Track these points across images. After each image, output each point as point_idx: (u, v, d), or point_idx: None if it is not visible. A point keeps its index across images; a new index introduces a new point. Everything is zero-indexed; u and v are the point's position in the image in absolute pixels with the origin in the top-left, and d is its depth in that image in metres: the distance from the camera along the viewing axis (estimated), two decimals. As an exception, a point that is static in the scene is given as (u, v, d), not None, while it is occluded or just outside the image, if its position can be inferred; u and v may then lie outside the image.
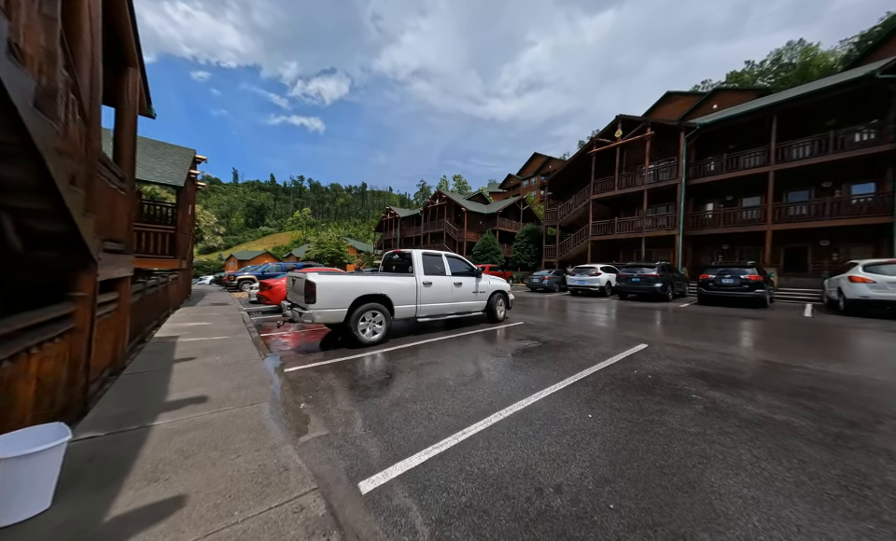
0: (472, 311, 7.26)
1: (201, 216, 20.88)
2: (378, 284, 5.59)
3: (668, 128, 18.31)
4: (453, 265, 6.97)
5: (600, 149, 21.38)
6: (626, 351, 4.99)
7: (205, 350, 4.97)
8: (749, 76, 62.33)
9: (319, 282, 4.93)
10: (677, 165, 17.46)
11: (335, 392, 3.44)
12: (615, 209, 22.64)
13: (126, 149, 3.92)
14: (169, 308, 8.39)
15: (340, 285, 5.15)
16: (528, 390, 3.40)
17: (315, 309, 4.90)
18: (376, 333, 5.55)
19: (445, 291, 6.60)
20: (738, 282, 10.23)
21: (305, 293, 4.94)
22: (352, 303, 5.25)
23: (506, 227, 35.48)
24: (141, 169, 9.08)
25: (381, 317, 5.58)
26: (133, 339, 4.89)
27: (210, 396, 3.22)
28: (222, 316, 8.40)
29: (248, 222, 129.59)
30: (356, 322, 5.27)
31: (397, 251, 6.99)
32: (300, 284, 5.24)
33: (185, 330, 6.46)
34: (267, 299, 9.84)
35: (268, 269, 19.17)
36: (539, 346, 5.36)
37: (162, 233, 9.30)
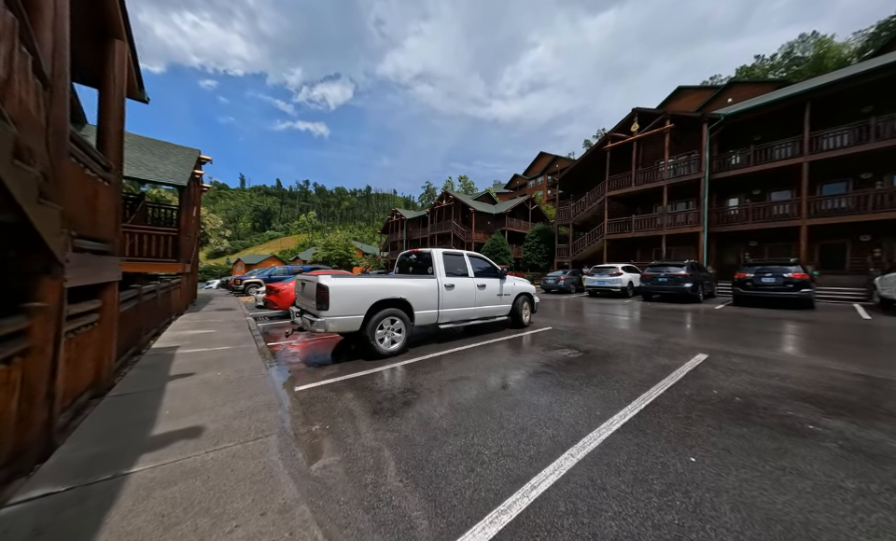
0: (496, 315, 6.62)
1: (206, 219, 20.58)
2: (397, 287, 4.99)
3: (689, 120, 17.47)
4: (475, 265, 6.35)
5: (615, 144, 20.59)
6: (686, 363, 4.31)
7: (206, 363, 4.43)
8: (761, 71, 60.73)
9: (333, 285, 4.36)
10: (699, 159, 16.60)
11: (356, 419, 2.84)
12: (631, 206, 21.78)
13: (112, 135, 3.40)
14: (171, 314, 7.92)
15: (355, 289, 4.57)
16: (593, 417, 2.76)
17: (328, 316, 4.33)
18: (395, 342, 4.95)
19: (468, 294, 5.98)
20: (780, 281, 9.40)
21: (317, 298, 4.37)
22: (368, 309, 4.66)
23: (515, 227, 34.75)
24: (143, 168, 8.68)
25: (400, 324, 4.98)
26: (126, 353, 4.37)
27: (207, 427, 2.65)
28: (227, 323, 7.91)
29: (255, 226, 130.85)
30: (373, 330, 4.68)
31: (414, 251, 6.40)
32: (310, 289, 4.67)
33: (186, 340, 5.95)
34: (274, 304, 9.34)
35: (274, 272, 18.79)
36: (581, 357, 4.70)
37: (164, 236, 8.87)
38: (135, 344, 4.76)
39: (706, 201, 16.26)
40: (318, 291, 4.35)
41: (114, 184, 3.39)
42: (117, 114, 3.47)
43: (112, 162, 3.38)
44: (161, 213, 12.47)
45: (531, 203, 37.55)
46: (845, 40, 50.65)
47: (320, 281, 4.35)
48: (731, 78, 54.71)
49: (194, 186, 11.22)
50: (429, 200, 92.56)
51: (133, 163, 8.72)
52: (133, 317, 4.60)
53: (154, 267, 8.69)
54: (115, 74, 3.43)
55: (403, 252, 6.78)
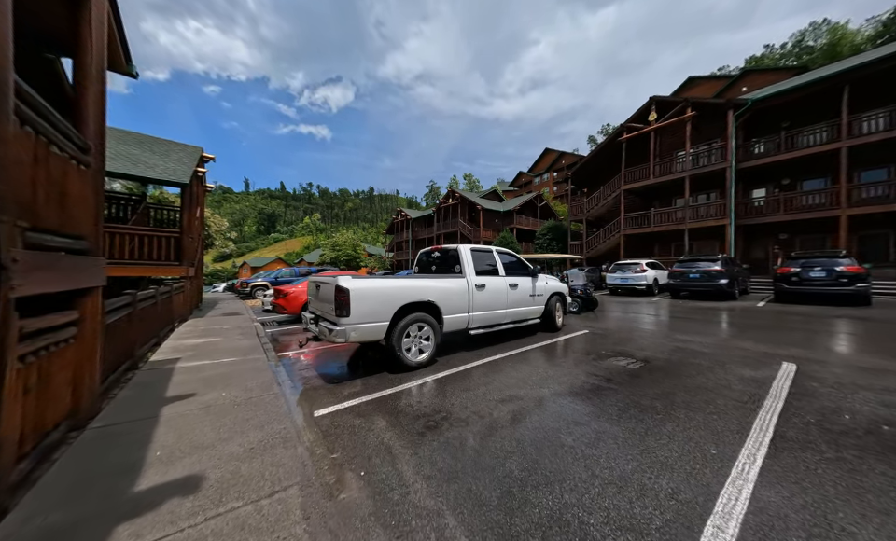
0: (529, 318, 5.96)
1: (211, 221, 20.15)
2: (424, 288, 4.36)
3: (712, 106, 16.57)
4: (506, 263, 5.70)
5: (631, 135, 19.74)
6: (776, 376, 3.61)
7: (209, 380, 3.84)
8: (771, 60, 59.10)
9: (354, 288, 3.73)
10: (724, 147, 15.71)
11: (397, 460, 2.21)
12: (648, 200, 20.91)
13: (90, 112, 2.80)
14: (174, 321, 7.39)
15: (379, 292, 3.95)
16: (709, 458, 2.09)
17: (349, 324, 3.70)
18: (423, 352, 4.32)
19: (500, 295, 5.33)
20: (832, 275, 8.58)
21: (336, 303, 3.75)
22: (394, 314, 4.04)
23: (524, 224, 33.97)
24: (141, 165, 8.17)
25: (428, 331, 4.35)
26: (118, 369, 3.79)
27: (207, 475, 2.03)
28: (233, 330, 7.35)
29: (260, 229, 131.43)
30: (399, 338, 4.05)
31: (437, 247, 5.76)
32: (327, 292, 4.06)
33: (188, 350, 5.38)
34: (282, 308, 8.77)
35: (281, 274, 18.31)
36: (642, 367, 4.02)
37: (166, 237, 8.35)
38: (130, 357, 4.19)
39: (732, 192, 15.38)
40: (337, 295, 3.73)
41: (93, 169, 2.80)
42: (95, 87, 2.87)
43: (92, 142, 2.79)
44: (163, 214, 12.01)
45: (539, 200, 36.71)
46: (857, 27, 48.89)
47: (339, 283, 3.73)
48: (744, 67, 53.18)
49: (197, 185, 10.72)
50: (433, 199, 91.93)
51: (132, 161, 8.22)
52: (125, 328, 4.02)
53: (155, 270, 8.18)
54: (92, 38, 2.83)
55: (424, 249, 6.15)
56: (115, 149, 8.46)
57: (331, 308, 3.89)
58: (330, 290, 3.93)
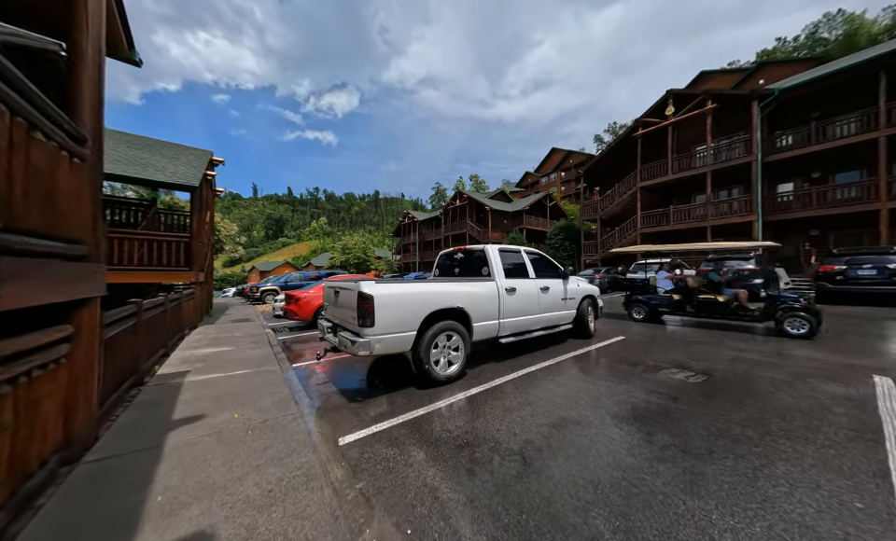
0: (561, 324, 5.49)
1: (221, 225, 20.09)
2: (453, 293, 3.93)
3: (734, 98, 15.85)
4: (535, 264, 5.24)
5: (647, 131, 19.08)
6: (878, 394, 3.08)
7: (220, 398, 3.47)
8: (784, 53, 57.54)
9: (378, 295, 3.33)
10: (749, 140, 14.97)
11: (448, 512, 1.78)
12: (666, 197, 20.17)
13: (86, 98, 2.47)
14: (184, 329, 7.11)
15: (406, 299, 3.54)
16: (857, 517, 1.61)
17: (374, 335, 3.30)
18: (453, 364, 3.89)
19: (531, 299, 4.88)
20: (884, 273, 7.90)
21: (358, 312, 3.35)
22: (422, 323, 3.62)
23: (533, 225, 33.36)
24: (150, 169, 7.96)
25: (457, 341, 3.92)
26: (121, 387, 3.45)
27: (218, 533, 1.64)
28: (244, 338, 7.03)
29: (268, 234, 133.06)
30: (427, 350, 3.63)
31: (460, 248, 5.34)
32: (347, 299, 3.66)
33: (198, 361, 5.05)
34: (294, 314, 8.45)
35: (291, 278, 18.13)
36: (706, 383, 3.52)
37: (175, 242, 8.11)
38: (134, 372, 3.86)
39: (759, 187, 14.62)
40: (360, 303, 3.33)
41: (90, 165, 2.46)
42: (92, 72, 2.54)
43: (88, 134, 2.45)
44: (174, 219, 11.87)
45: (549, 200, 36.06)
46: (874, 17, 47.06)
47: (362, 289, 3.33)
48: (759, 60, 51.85)
49: (206, 188, 10.53)
50: (439, 201, 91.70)
51: (141, 164, 8.02)
52: (129, 340, 3.69)
53: (164, 277, 7.93)
54: (87, 20, 2.51)
55: (445, 250, 5.74)
56: (124, 153, 8.29)
57: (352, 316, 3.50)
58: (351, 297, 3.53)
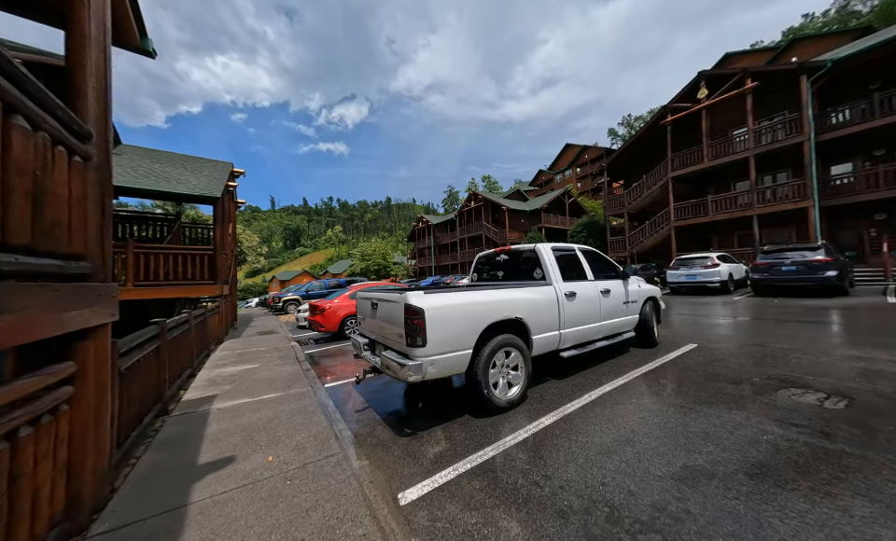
0: (623, 331, 4.77)
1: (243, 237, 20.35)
2: (511, 302, 3.35)
3: (778, 75, 14.51)
4: (592, 264, 4.57)
5: (676, 117, 17.87)
6: None
7: (251, 433, 3.01)
8: (813, 28, 53.91)
9: (430, 307, 2.79)
10: (799, 118, 13.60)
11: None
12: (699, 187, 18.79)
13: (89, 87, 2.08)
14: (209, 345, 6.85)
15: (461, 311, 2.98)
16: None
17: (425, 356, 2.76)
18: (513, 386, 3.30)
19: (592, 305, 4.21)
20: None
21: (407, 328, 2.81)
22: (478, 338, 3.05)
23: (552, 223, 32.28)
24: (174, 182, 7.84)
25: (516, 357, 3.32)
26: (144, 420, 3.06)
27: None
28: (271, 352, 6.69)
29: (286, 244, 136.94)
30: (485, 370, 3.06)
31: (503, 249, 4.74)
32: (390, 313, 3.14)
33: (225, 382, 4.68)
34: (319, 325, 8.09)
35: (311, 288, 18.08)
36: (853, 410, 2.75)
37: (199, 255, 7.94)
38: (158, 401, 3.48)
39: (813, 169, 13.20)
40: (408, 318, 2.80)
41: (96, 165, 2.05)
42: (96, 58, 2.15)
43: (95, 128, 2.04)
44: (198, 232, 11.91)
45: (567, 196, 34.86)
46: None
47: (410, 301, 2.80)
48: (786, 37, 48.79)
49: (228, 200, 10.46)
50: (452, 203, 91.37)
51: (165, 178, 7.93)
52: (152, 367, 3.32)
53: (189, 290, 7.76)
54: (89, 2, 2.11)
55: (485, 252, 5.16)
56: (148, 168, 8.24)
57: (398, 334, 2.97)
58: (395, 310, 3.01)
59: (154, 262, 7.43)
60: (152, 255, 7.40)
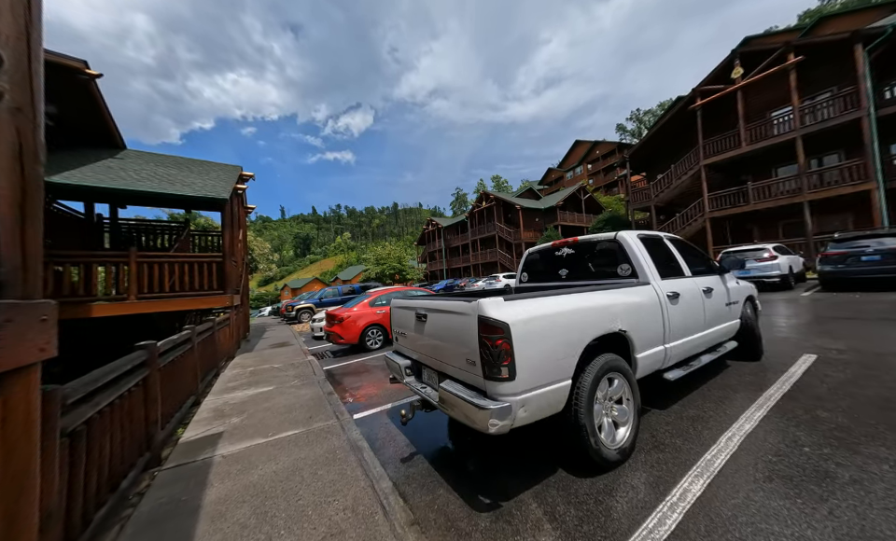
0: (725, 341, 3.78)
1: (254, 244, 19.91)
2: (612, 308, 2.43)
3: (826, 46, 13.19)
4: (685, 255, 3.61)
5: (707, 100, 16.62)
6: None
7: (265, 500, 2.17)
8: (831, 9, 51.45)
9: (517, 320, 1.91)
10: (856, 91, 12.24)
11: None
12: (733, 175, 17.41)
13: None
14: (219, 363, 6.12)
15: (558, 323, 2.09)
16: None
17: (514, 394, 1.87)
18: (619, 426, 2.37)
19: (696, 309, 3.25)
20: None
21: (484, 353, 1.92)
22: (578, 362, 2.15)
23: (568, 220, 31.09)
24: (179, 184, 7.23)
25: (621, 386, 2.40)
26: (121, 484, 2.26)
27: None
28: (286, 369, 5.91)
29: (297, 253, 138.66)
30: (589, 407, 2.14)
31: (565, 241, 3.82)
32: (453, 329, 2.25)
33: (234, 412, 3.89)
34: (338, 336, 7.30)
35: (325, 295, 17.45)
36: None
37: (207, 263, 7.28)
38: (147, 449, 2.69)
39: (875, 147, 11.82)
40: (485, 336, 1.91)
41: (7, 107, 1.24)
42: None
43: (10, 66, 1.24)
44: (207, 240, 11.38)
45: (583, 193, 33.61)
46: None
47: (487, 312, 1.91)
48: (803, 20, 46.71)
49: (238, 204, 9.87)
50: (460, 206, 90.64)
51: (169, 180, 7.33)
52: (133, 409, 2.53)
53: (195, 302, 7.10)
54: None
55: (539, 247, 4.25)
56: (152, 171, 7.68)
57: (465, 358, 2.09)
58: (461, 326, 2.13)
59: (159, 272, 6.80)
60: (156, 264, 6.77)
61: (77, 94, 7.62)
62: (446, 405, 2.19)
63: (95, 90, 7.72)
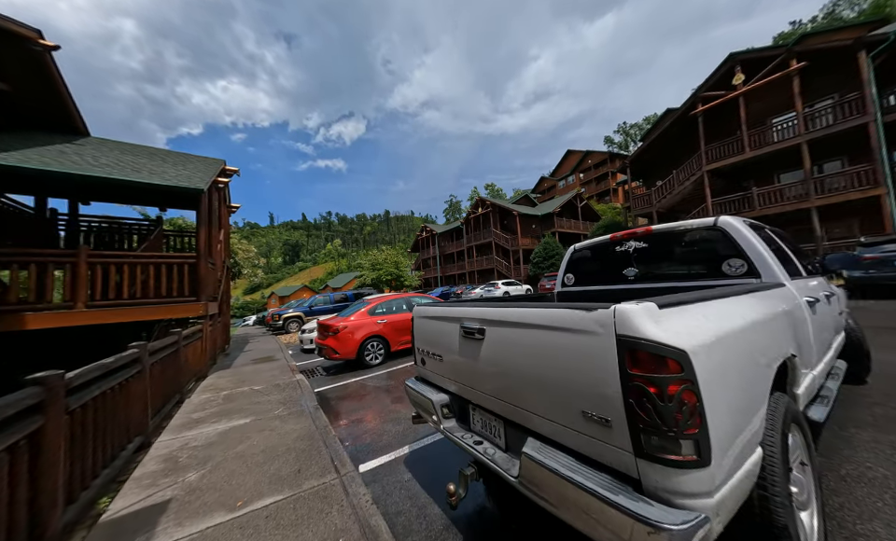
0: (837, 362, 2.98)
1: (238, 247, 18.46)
2: (775, 319, 1.56)
3: (830, 53, 13.18)
4: (794, 251, 2.82)
5: (708, 106, 16.52)
6: None
7: None
8: (804, 29, 54.54)
9: (700, 345, 1.01)
10: (860, 97, 12.17)
11: None
12: (734, 181, 17.30)
13: None
14: (183, 388, 4.99)
15: (749, 345, 1.20)
16: None
17: (707, 490, 0.96)
18: (804, 508, 1.48)
19: (826, 320, 2.48)
20: None
21: (640, 407, 1.01)
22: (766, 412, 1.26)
23: (565, 227, 30.78)
24: (145, 172, 6.15)
25: (795, 447, 1.52)
26: None
27: None
28: (269, 392, 4.83)
29: (285, 260, 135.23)
30: (786, 493, 1.24)
31: (633, 232, 2.99)
32: (553, 355, 1.32)
33: (192, 467, 2.83)
34: (332, 350, 6.25)
35: (315, 302, 16.21)
36: None
37: (179, 265, 6.17)
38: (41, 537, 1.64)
39: (884, 152, 11.69)
40: (640, 375, 1.00)
41: None
42: None
43: None
44: (184, 241, 10.17)
45: (579, 200, 33.48)
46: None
47: (637, 324, 1.01)
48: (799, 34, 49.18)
49: (219, 200, 8.77)
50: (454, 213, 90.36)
51: (133, 168, 6.24)
52: (15, 484, 1.49)
53: (163, 311, 5.96)
54: None
55: (588, 242, 3.41)
56: (115, 158, 6.58)
57: (578, 408, 1.18)
58: (571, 350, 1.22)
59: (118, 276, 5.67)
60: (113, 265, 5.64)
61: (28, 68, 6.50)
62: (542, 491, 1.26)
63: (51, 65, 6.62)
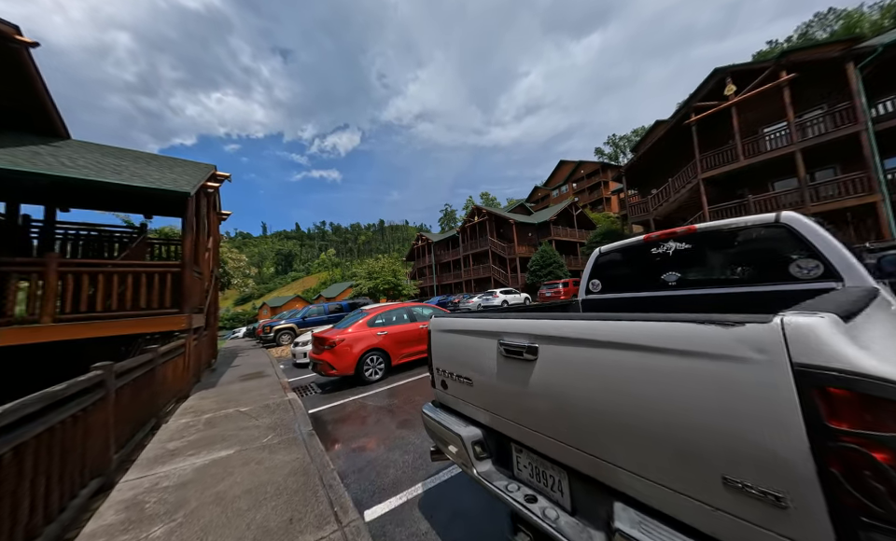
0: None
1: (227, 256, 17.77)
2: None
3: (819, 64, 13.54)
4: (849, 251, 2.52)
5: (701, 116, 16.80)
6: None
7: None
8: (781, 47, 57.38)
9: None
10: (851, 106, 12.43)
11: None
12: (728, 189, 17.48)
13: None
14: (160, 411, 4.44)
15: None
16: None
17: None
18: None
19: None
20: None
21: (853, 480, 0.64)
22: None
23: (562, 235, 30.80)
24: (126, 175, 5.70)
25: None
26: None
27: None
28: (258, 415, 4.31)
29: (278, 270, 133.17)
30: None
31: (673, 231, 2.68)
32: (669, 391, 0.92)
33: (162, 514, 2.34)
34: (328, 365, 5.76)
35: (309, 313, 15.58)
36: None
37: (161, 274, 5.66)
38: None
39: (877, 160, 11.87)
40: (853, 433, 0.64)
41: None
42: None
43: None
44: (170, 250, 9.61)
45: (574, 208, 33.69)
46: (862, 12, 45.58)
47: (848, 360, 0.65)
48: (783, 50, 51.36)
49: (208, 206, 8.30)
50: (449, 222, 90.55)
51: (116, 171, 5.78)
52: None
53: (142, 324, 5.42)
54: None
55: (620, 243, 3.10)
56: (94, 160, 6.11)
57: (718, 471, 0.81)
58: (704, 384, 0.86)
59: (93, 286, 5.14)
60: (87, 275, 5.11)
61: (3, 65, 6.07)
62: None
63: (29, 63, 6.20)
